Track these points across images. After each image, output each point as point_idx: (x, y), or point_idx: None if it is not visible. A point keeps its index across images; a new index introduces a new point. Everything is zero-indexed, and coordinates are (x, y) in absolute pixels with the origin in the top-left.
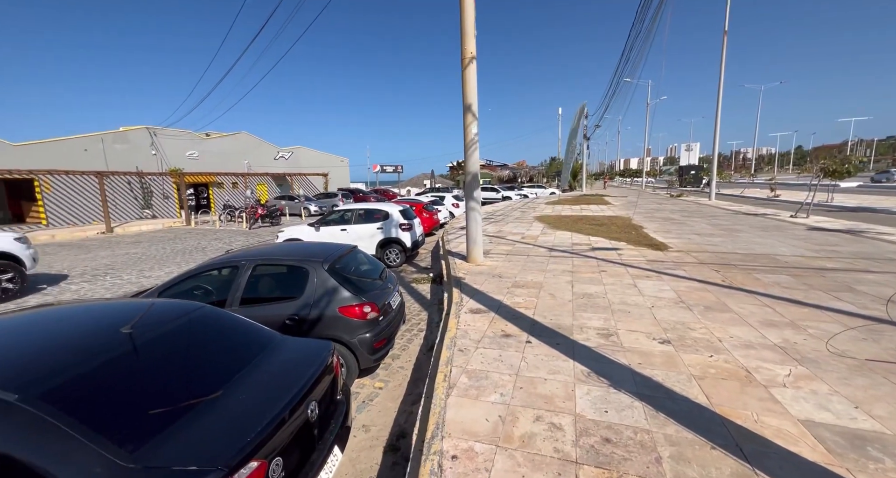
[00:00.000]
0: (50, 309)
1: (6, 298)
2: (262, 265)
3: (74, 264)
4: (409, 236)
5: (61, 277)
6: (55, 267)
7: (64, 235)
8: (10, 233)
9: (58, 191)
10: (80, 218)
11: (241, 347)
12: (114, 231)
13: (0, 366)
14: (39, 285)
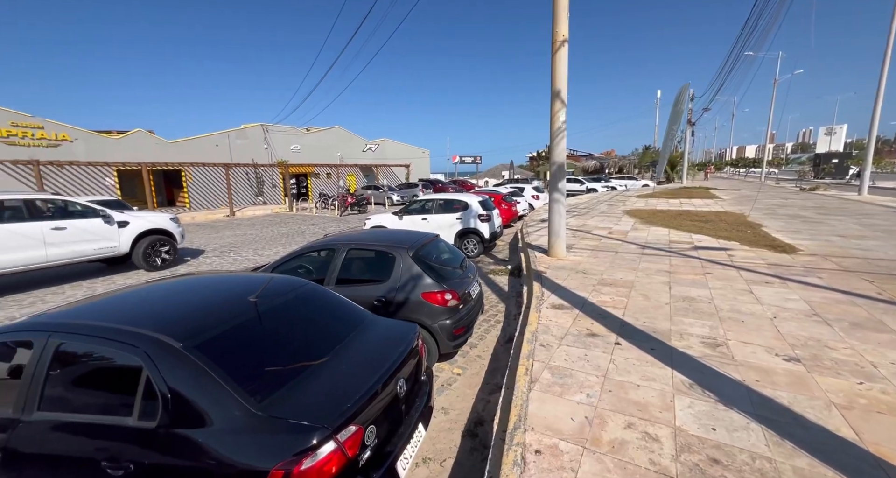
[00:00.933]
0: (195, 277)
1: (164, 266)
2: (355, 249)
3: (208, 242)
4: (487, 227)
5: (199, 252)
6: (195, 243)
7: (200, 217)
8: (166, 214)
9: (197, 180)
10: (211, 203)
11: (341, 321)
12: (235, 215)
13: (167, 320)
14: (185, 257)
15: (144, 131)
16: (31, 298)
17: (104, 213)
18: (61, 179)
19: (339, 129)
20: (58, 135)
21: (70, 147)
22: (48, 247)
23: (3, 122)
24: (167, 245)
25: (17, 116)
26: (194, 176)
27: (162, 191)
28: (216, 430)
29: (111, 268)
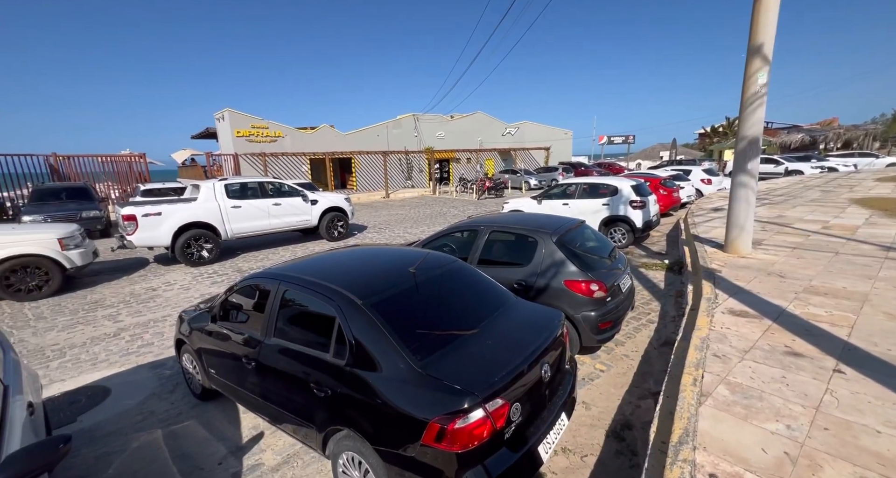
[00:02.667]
0: (365, 248)
1: (339, 238)
2: (497, 232)
3: (369, 219)
4: (640, 215)
5: (363, 227)
6: (360, 220)
7: (363, 198)
8: (341, 194)
9: (362, 166)
10: (371, 186)
11: (487, 298)
12: (389, 196)
13: (351, 281)
14: (353, 231)
15: (328, 126)
16: (262, 255)
17: (303, 193)
18: (276, 166)
19: (479, 114)
20: (275, 132)
21: (282, 142)
22: (271, 218)
23: (246, 124)
24: (342, 221)
25: (255, 120)
26: (361, 163)
27: (338, 175)
28: (384, 376)
29: (304, 237)
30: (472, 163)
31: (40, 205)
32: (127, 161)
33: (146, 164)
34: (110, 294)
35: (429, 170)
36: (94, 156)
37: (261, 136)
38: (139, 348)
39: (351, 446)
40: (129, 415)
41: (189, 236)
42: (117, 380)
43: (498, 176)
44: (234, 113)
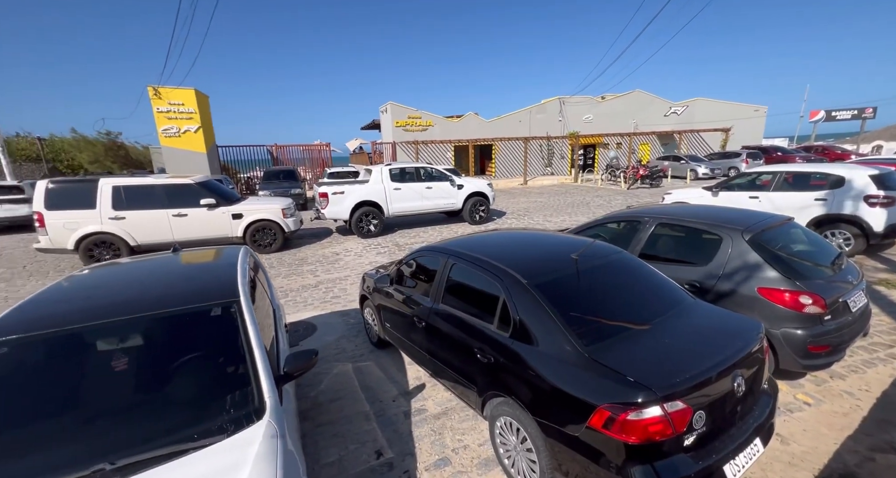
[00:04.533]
0: (526, 232)
1: (480, 222)
2: (666, 225)
3: (507, 205)
4: (882, 216)
5: (502, 213)
6: (499, 206)
7: (500, 185)
8: (484, 180)
9: (502, 152)
10: (509, 172)
11: (659, 295)
12: (527, 183)
13: (516, 261)
14: (492, 216)
15: (472, 114)
16: (413, 233)
17: (451, 178)
18: (426, 153)
19: (638, 93)
20: (427, 122)
21: (432, 130)
22: (423, 200)
23: (404, 116)
24: (484, 205)
25: (411, 111)
26: (501, 149)
27: (478, 162)
28: (548, 354)
29: (447, 219)
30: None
31: (268, 183)
32: (318, 149)
33: (330, 151)
34: (310, 254)
35: (571, 156)
36: (297, 145)
37: (414, 125)
38: (331, 298)
39: (509, 413)
40: (329, 348)
41: (362, 213)
42: (319, 320)
43: (654, 163)
44: (395, 106)
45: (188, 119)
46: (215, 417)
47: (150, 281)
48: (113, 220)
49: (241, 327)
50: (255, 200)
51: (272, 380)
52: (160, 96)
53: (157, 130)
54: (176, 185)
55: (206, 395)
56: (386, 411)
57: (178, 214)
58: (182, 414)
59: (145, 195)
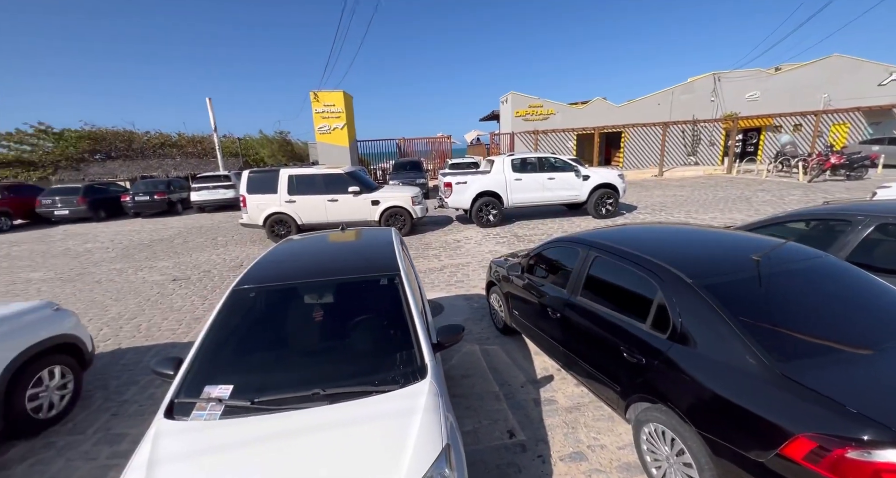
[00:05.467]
0: (687, 227)
1: (606, 215)
2: (893, 225)
3: (638, 199)
4: None
5: (632, 207)
6: (628, 199)
7: (630, 176)
8: (615, 170)
9: (633, 140)
10: (641, 162)
11: (889, 312)
12: (663, 175)
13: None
14: (621, 211)
15: (600, 99)
16: (532, 224)
17: (576, 168)
18: (545, 143)
19: (835, 58)
20: (548, 110)
21: (553, 119)
22: (544, 191)
23: (525, 105)
24: (612, 198)
25: (532, 100)
26: (632, 136)
27: (602, 151)
28: (716, 362)
29: (568, 211)
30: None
31: (396, 173)
32: (440, 141)
33: (450, 143)
34: (434, 240)
35: (725, 142)
36: (422, 138)
37: (535, 114)
38: (455, 282)
39: (661, 420)
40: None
41: (482, 202)
42: (445, 302)
43: (856, 148)
44: (516, 95)
45: (337, 117)
46: (389, 370)
47: (333, 252)
48: (287, 203)
49: (402, 297)
50: (388, 189)
51: (430, 346)
52: (318, 99)
53: (314, 128)
54: (330, 174)
55: (380, 350)
56: (515, 395)
57: (331, 199)
58: (365, 362)
59: (309, 183)
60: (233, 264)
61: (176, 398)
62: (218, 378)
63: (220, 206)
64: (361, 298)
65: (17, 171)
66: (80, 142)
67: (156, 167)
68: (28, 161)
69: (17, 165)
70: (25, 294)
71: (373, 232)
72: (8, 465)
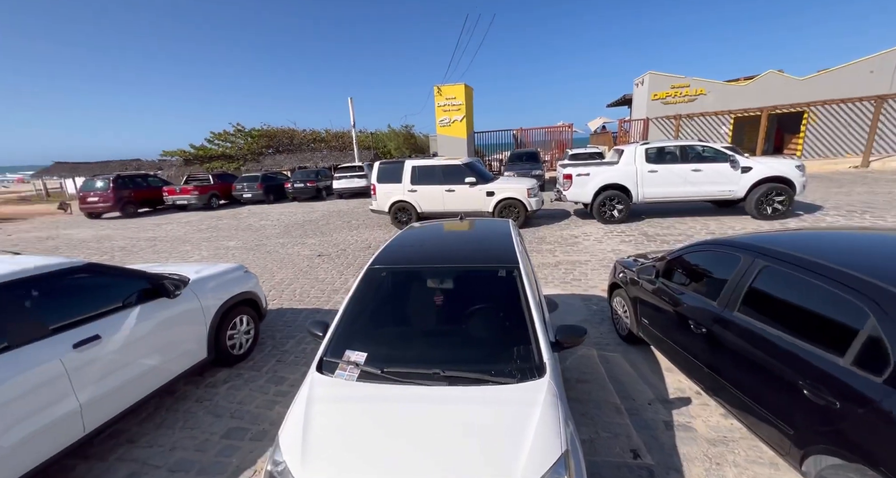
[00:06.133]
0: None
1: (773, 216)
2: None
3: (826, 197)
4: None
5: (815, 208)
6: (808, 197)
7: (815, 167)
8: (792, 160)
9: (821, 122)
10: (832, 150)
11: None
12: (869, 165)
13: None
14: (797, 211)
15: (774, 72)
16: (667, 223)
17: (732, 158)
18: (689, 128)
19: None
20: (696, 90)
21: (702, 100)
22: (687, 185)
23: (666, 86)
24: (783, 195)
25: (675, 79)
26: (819, 117)
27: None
28: None
29: (717, 209)
30: None
31: (512, 164)
32: (560, 130)
33: (571, 132)
34: (548, 234)
35: None
36: (540, 128)
37: (679, 96)
38: (571, 280)
39: None
40: None
41: (606, 196)
42: (559, 299)
43: None
44: (655, 75)
45: (457, 110)
46: (505, 362)
47: (454, 240)
48: (410, 192)
49: (521, 290)
50: (504, 180)
51: (549, 344)
52: (441, 93)
53: (436, 121)
54: (449, 165)
55: (497, 341)
56: (640, 412)
57: (448, 190)
58: (481, 351)
59: (430, 173)
60: (363, 245)
61: (324, 357)
62: (355, 345)
63: (355, 193)
64: (480, 288)
65: (222, 162)
66: (260, 139)
67: (308, 159)
68: (228, 155)
69: (222, 159)
70: (225, 258)
71: (491, 223)
72: (215, 385)
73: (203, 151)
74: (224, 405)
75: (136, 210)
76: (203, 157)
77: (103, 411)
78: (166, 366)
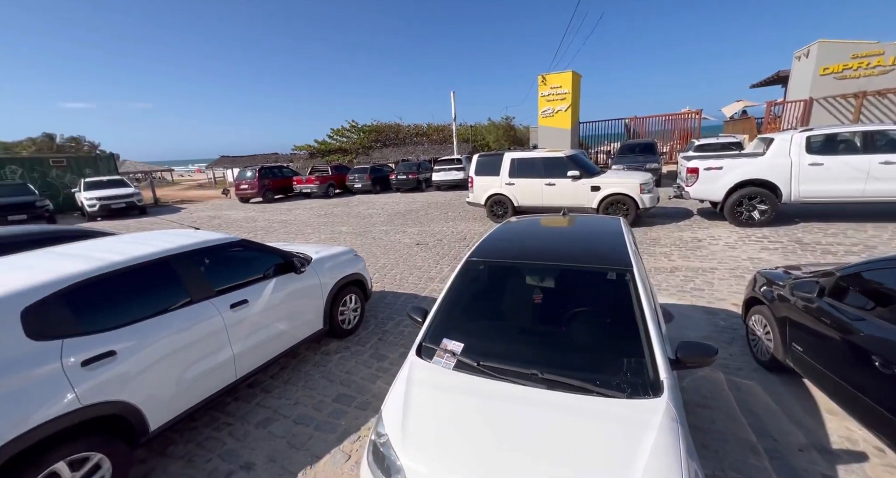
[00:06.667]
0: None
1: None
2: None
3: None
4: None
5: None
6: None
7: None
8: None
9: None
10: None
11: None
12: None
13: None
14: None
15: None
16: (832, 229)
17: None
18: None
19: None
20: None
21: None
22: (870, 181)
23: (843, 56)
24: None
25: (859, 48)
26: None
27: None
28: None
29: None
30: None
31: (622, 157)
32: (683, 118)
33: (699, 120)
34: (663, 235)
35: None
36: (658, 116)
37: (864, 67)
38: (691, 289)
39: None
40: None
41: (743, 194)
42: (675, 310)
43: None
44: (827, 43)
45: (562, 99)
46: (613, 373)
47: (557, 237)
48: (507, 185)
49: (634, 296)
50: (612, 174)
51: (667, 360)
52: (545, 82)
53: (538, 112)
54: (551, 158)
55: (604, 349)
56: (786, 457)
57: (548, 183)
58: (585, 357)
59: (529, 166)
60: (458, 236)
61: (423, 342)
62: (452, 334)
63: (452, 185)
64: (585, 289)
65: (339, 155)
66: (370, 134)
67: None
68: (344, 149)
69: (338, 152)
70: (338, 241)
71: (599, 220)
72: (328, 353)
73: (324, 145)
74: (335, 372)
75: (274, 196)
76: (324, 150)
77: (248, 362)
78: (292, 331)
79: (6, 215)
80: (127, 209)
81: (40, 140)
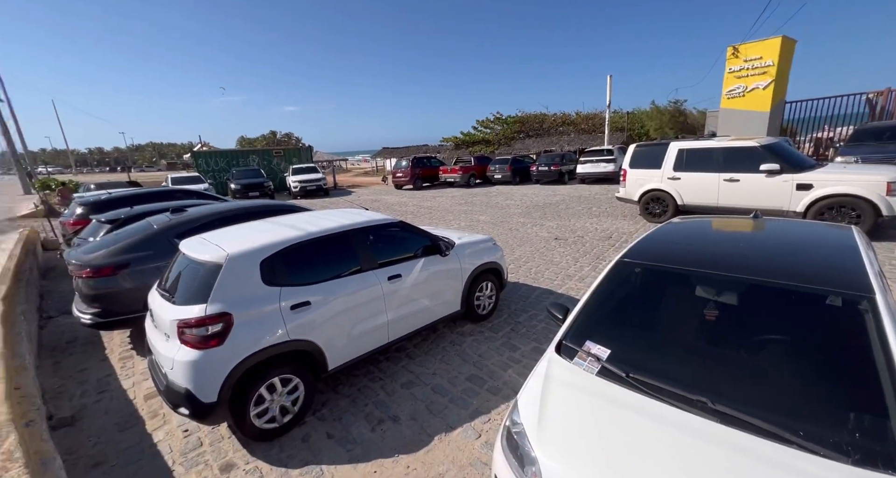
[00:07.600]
0: None
1: None
2: None
3: None
4: None
5: None
6: None
7: None
8: None
9: None
10: None
11: None
12: None
13: None
14: None
15: None
16: None
17: None
18: None
19: None
20: None
21: None
22: None
23: None
24: None
25: None
26: None
27: None
28: None
29: None
30: None
31: (855, 145)
32: None
33: None
34: None
35: None
36: None
37: None
38: None
39: None
40: None
41: None
42: None
43: None
44: None
45: (761, 74)
46: (827, 427)
47: (745, 244)
48: (670, 179)
49: (872, 334)
50: (835, 168)
51: None
52: (738, 55)
53: (722, 93)
54: (737, 148)
55: (814, 393)
56: None
57: (729, 179)
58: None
59: (703, 158)
60: (603, 235)
61: (563, 340)
62: (595, 338)
63: (599, 179)
64: (788, 313)
65: (482, 147)
66: (513, 125)
67: (555, 143)
68: (487, 140)
69: (482, 143)
70: (477, 229)
71: (812, 228)
72: (463, 334)
73: (468, 136)
74: (469, 353)
75: (422, 184)
76: (468, 142)
77: (399, 328)
78: (434, 308)
79: (247, 192)
80: (317, 191)
81: (268, 136)
